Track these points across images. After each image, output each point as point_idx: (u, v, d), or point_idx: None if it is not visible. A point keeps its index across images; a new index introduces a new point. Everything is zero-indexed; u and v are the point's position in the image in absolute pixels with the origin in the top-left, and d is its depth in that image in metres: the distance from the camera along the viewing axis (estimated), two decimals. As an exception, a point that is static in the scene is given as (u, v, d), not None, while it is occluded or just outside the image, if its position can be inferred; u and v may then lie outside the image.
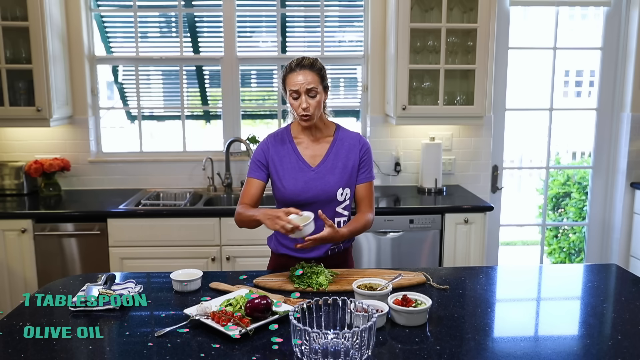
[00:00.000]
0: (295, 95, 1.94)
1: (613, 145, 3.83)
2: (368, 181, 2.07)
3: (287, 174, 2.02)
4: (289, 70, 1.96)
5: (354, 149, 2.05)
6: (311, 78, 1.93)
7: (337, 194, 2.01)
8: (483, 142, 3.69)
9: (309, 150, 2.04)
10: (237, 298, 1.59)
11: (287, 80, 1.95)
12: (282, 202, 2.05)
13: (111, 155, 3.71)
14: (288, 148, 2.04)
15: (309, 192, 2.00)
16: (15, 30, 3.21)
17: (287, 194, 2.01)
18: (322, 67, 1.98)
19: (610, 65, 3.75)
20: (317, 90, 1.94)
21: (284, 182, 2.01)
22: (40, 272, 3.08)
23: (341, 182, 2.02)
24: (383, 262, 3.17)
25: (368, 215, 2.06)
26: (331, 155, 2.03)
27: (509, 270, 2.18)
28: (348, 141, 2.06)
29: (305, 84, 1.92)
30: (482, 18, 3.23)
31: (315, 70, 1.95)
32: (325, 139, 2.06)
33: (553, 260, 4.80)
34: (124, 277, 1.94)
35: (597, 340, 1.50)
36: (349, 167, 2.03)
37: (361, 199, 2.08)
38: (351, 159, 2.04)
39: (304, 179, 2.01)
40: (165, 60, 3.70)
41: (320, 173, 2.01)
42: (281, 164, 2.03)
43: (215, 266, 3.10)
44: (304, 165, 2.02)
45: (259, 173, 2.05)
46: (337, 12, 3.74)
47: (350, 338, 1.28)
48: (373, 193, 2.10)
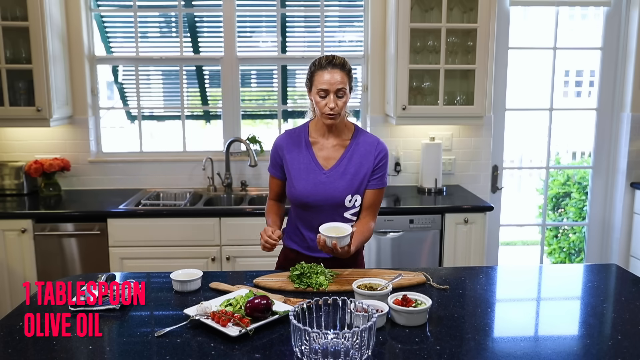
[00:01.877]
0: (323, 94, 1.91)
1: (613, 145, 3.83)
2: (379, 188, 2.03)
3: (299, 174, 2.01)
4: (318, 67, 1.92)
5: (369, 155, 2.01)
6: (341, 78, 1.90)
7: (345, 200, 2.00)
8: (483, 142, 3.69)
9: (324, 152, 2.02)
10: (237, 298, 1.59)
11: (316, 77, 1.92)
12: (292, 200, 2.06)
13: (111, 155, 3.71)
14: (303, 148, 2.03)
15: (317, 195, 1.99)
16: (15, 30, 3.21)
17: (296, 193, 2.01)
18: (351, 68, 1.97)
19: (610, 65, 3.75)
20: (346, 91, 1.92)
21: (295, 182, 2.01)
22: (40, 272, 3.08)
23: (350, 189, 1.99)
24: (383, 262, 3.17)
25: (371, 224, 2.02)
26: (345, 160, 2.01)
27: (509, 270, 2.18)
28: (364, 146, 2.02)
29: (336, 84, 1.89)
30: (482, 18, 3.23)
31: (345, 71, 1.93)
32: (342, 142, 2.03)
33: (553, 260, 4.80)
34: (124, 277, 1.94)
35: (597, 340, 1.50)
36: (361, 173, 2.00)
37: (368, 206, 2.03)
38: (365, 165, 2.00)
39: (314, 181, 2.00)
40: (165, 60, 3.70)
41: (331, 177, 2.00)
42: (293, 163, 2.02)
43: (215, 266, 3.10)
44: (316, 167, 2.01)
45: (276, 170, 2.08)
46: (337, 12, 3.74)
47: (350, 338, 1.28)
48: (381, 201, 2.07)
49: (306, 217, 2.05)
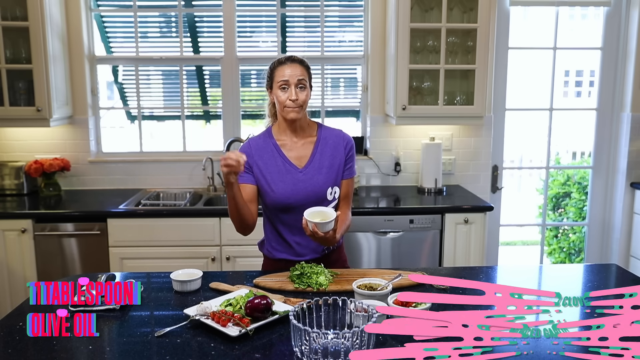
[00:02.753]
0: (284, 87, 1.93)
1: (613, 145, 3.83)
2: (351, 177, 2.08)
3: (275, 177, 1.99)
4: (278, 63, 1.97)
5: (339, 147, 2.05)
6: (301, 71, 1.95)
7: (326, 194, 2.01)
8: (483, 142, 3.69)
9: (293, 152, 2.03)
10: (237, 298, 1.59)
11: (276, 72, 1.96)
12: (272, 207, 2.03)
13: (111, 155, 3.71)
14: (272, 151, 2.02)
15: (299, 194, 1.98)
16: (15, 30, 3.21)
17: (277, 197, 1.99)
18: (309, 66, 2.01)
19: (610, 65, 3.75)
20: (306, 84, 1.96)
21: (273, 186, 1.99)
22: (40, 272, 3.08)
23: (329, 181, 2.01)
24: (383, 262, 3.17)
25: (348, 213, 2.08)
26: (317, 155, 2.02)
27: (509, 270, 2.18)
28: (332, 139, 2.05)
29: (296, 76, 1.93)
30: (482, 18, 3.24)
31: (304, 66, 1.98)
32: (308, 139, 2.05)
33: (553, 260, 4.80)
34: (124, 277, 1.94)
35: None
36: (335, 165, 2.03)
37: (343, 197, 2.07)
38: (337, 157, 2.04)
39: (292, 180, 1.99)
40: (165, 60, 3.70)
41: (308, 174, 2.00)
42: (266, 167, 2.00)
43: (215, 266, 3.10)
44: (291, 168, 2.01)
45: (246, 177, 2.01)
46: (337, 12, 3.74)
47: (350, 338, 1.28)
48: (353, 189, 2.15)
49: (288, 221, 2.02)
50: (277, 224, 2.06)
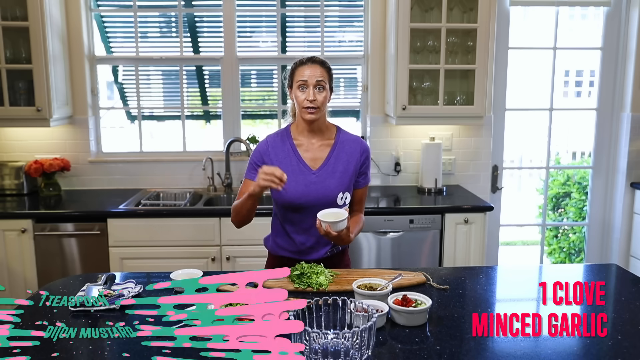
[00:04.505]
0: (303, 87, 1.95)
1: (613, 145, 3.83)
2: (365, 185, 2.12)
3: (288, 176, 2.01)
4: (299, 63, 1.99)
5: (355, 153, 2.05)
6: (321, 73, 1.96)
7: (337, 199, 2.01)
8: (483, 142, 3.69)
9: (309, 153, 2.04)
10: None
11: (297, 72, 1.98)
12: (281, 205, 2.05)
13: (111, 155, 3.71)
14: (288, 150, 2.04)
15: (309, 195, 1.99)
16: (15, 30, 3.21)
17: (287, 196, 2.00)
18: (331, 67, 2.02)
19: (610, 65, 3.75)
20: (325, 86, 1.97)
21: (285, 185, 2.01)
22: (40, 272, 3.08)
23: (341, 186, 2.02)
24: (383, 262, 3.17)
25: (362, 216, 2.13)
26: (332, 159, 2.03)
27: (509, 270, 2.18)
28: (349, 145, 2.06)
29: (315, 77, 1.94)
30: (482, 18, 3.24)
31: (325, 68, 1.99)
32: (326, 142, 2.05)
33: (553, 260, 4.81)
34: (124, 277, 1.94)
35: (597, 340, 1.50)
36: (349, 171, 2.03)
37: (357, 201, 2.12)
38: (352, 163, 2.04)
39: (305, 182, 2.00)
40: (165, 60, 3.70)
41: (321, 177, 2.01)
42: (280, 166, 2.01)
43: (215, 266, 3.10)
44: (305, 168, 2.02)
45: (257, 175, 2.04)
46: (337, 12, 3.74)
47: (350, 338, 1.28)
48: (366, 195, 2.18)
49: (296, 220, 2.04)
50: (284, 221, 2.08)
